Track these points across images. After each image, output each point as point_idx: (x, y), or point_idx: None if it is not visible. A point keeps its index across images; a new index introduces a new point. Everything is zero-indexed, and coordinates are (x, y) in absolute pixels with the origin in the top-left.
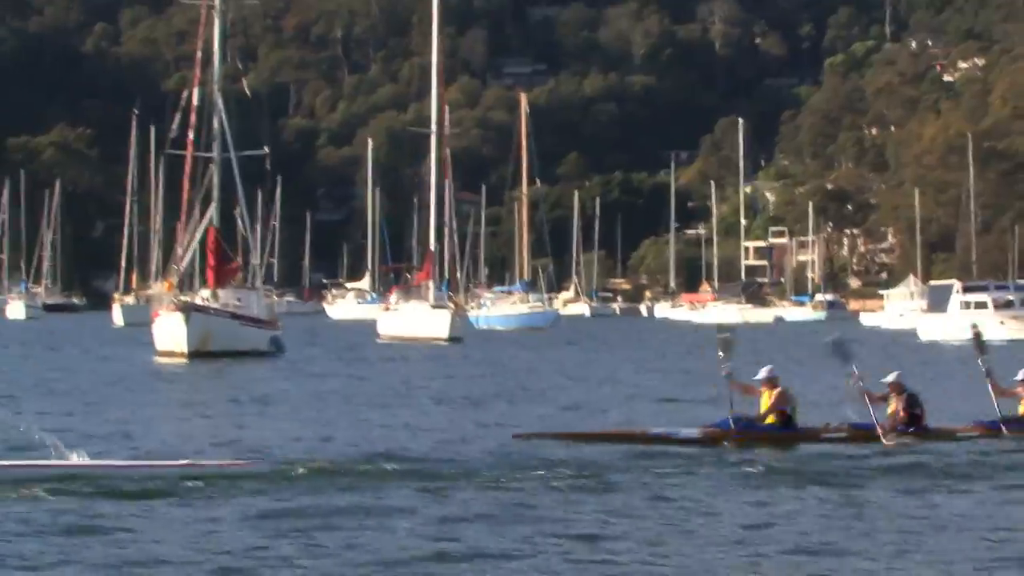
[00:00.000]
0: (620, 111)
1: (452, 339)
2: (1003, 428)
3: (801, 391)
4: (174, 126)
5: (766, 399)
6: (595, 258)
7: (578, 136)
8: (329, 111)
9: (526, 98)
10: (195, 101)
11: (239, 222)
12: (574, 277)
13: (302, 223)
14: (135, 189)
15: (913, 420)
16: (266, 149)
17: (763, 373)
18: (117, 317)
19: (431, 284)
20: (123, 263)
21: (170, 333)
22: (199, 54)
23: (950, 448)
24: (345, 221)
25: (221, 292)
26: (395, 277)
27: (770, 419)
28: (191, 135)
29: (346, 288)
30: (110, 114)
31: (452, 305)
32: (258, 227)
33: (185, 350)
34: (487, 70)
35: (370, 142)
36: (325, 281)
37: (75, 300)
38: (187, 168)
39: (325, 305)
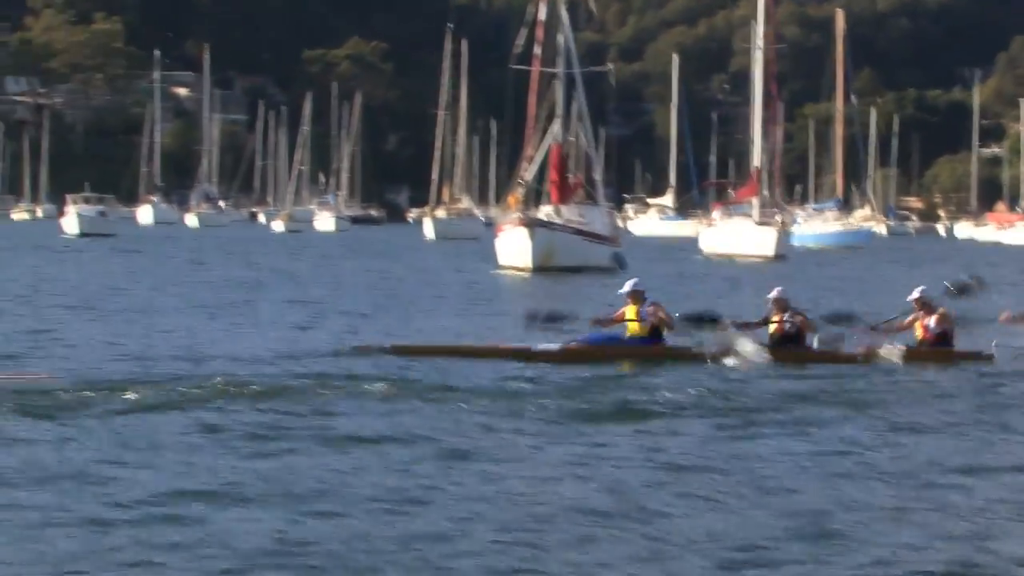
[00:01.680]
0: (913, 27)
1: (777, 256)
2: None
3: None
4: (519, 41)
5: (632, 313)
6: (890, 176)
7: (870, 53)
8: (619, 26)
9: (842, 15)
10: (542, 16)
11: (581, 137)
12: (869, 195)
13: (595, 139)
14: (448, 103)
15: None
16: (610, 66)
17: (628, 286)
18: (428, 230)
19: (755, 201)
20: (434, 177)
21: (515, 247)
22: None
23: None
24: (634, 137)
25: (564, 208)
26: (715, 193)
27: (637, 334)
28: (537, 50)
29: (648, 204)
30: (401, 28)
31: (777, 222)
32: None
33: (529, 265)
34: None
35: (676, 58)
36: (625, 196)
37: (373, 213)
38: (533, 84)
39: (621, 221)
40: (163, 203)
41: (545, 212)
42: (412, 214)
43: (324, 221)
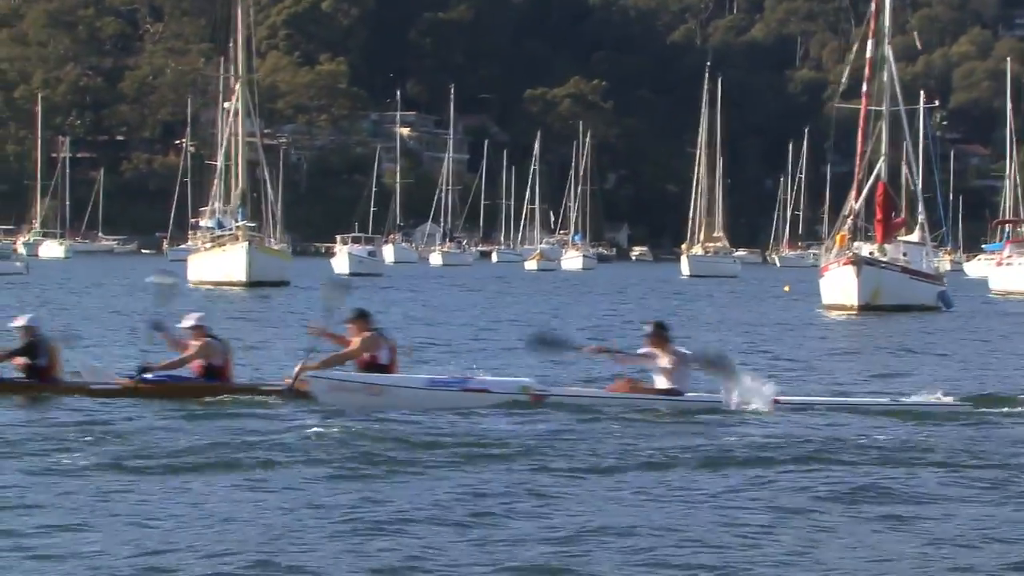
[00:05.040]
0: None
1: None
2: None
3: None
4: (843, 78)
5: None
6: None
7: None
8: (836, 63)
9: None
10: (869, 53)
11: (905, 174)
12: None
13: (817, 175)
14: (702, 142)
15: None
16: (936, 102)
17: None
18: (684, 267)
19: None
20: (690, 214)
21: (840, 286)
22: (873, 6)
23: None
24: (850, 173)
25: (888, 246)
26: (1007, 231)
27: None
28: (865, 87)
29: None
30: (620, 66)
31: None
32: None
33: (855, 303)
34: (999, 21)
35: (923, 94)
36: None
37: (604, 251)
38: (861, 122)
39: None
40: (403, 243)
41: (868, 250)
42: (635, 252)
43: (572, 260)
